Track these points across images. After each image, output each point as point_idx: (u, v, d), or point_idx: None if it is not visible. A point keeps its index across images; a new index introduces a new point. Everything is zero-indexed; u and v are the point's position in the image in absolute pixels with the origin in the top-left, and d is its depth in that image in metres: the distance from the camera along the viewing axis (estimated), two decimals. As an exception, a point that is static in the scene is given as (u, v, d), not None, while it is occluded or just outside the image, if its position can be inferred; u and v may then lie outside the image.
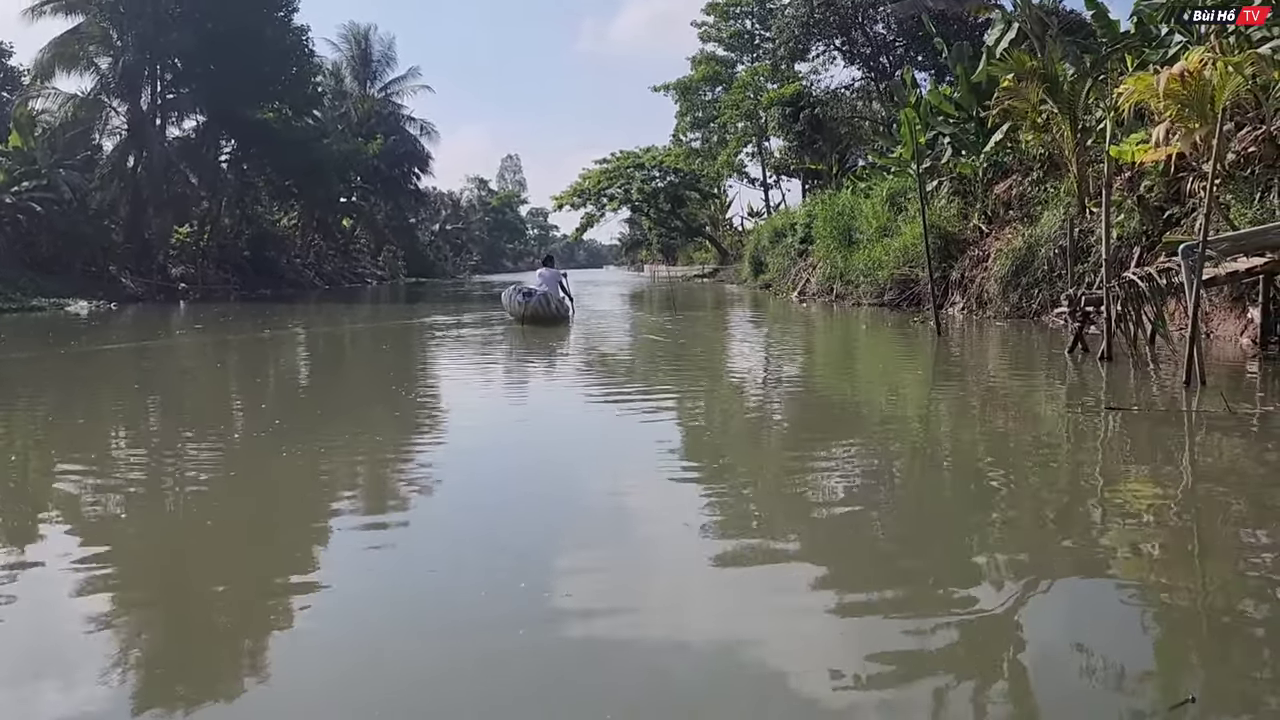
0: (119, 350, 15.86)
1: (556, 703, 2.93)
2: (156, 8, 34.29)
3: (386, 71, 63.67)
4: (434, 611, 3.71)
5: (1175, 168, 12.88)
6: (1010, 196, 18.76)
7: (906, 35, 34.71)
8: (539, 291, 17.89)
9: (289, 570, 4.30)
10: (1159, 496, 5.21)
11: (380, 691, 2.99)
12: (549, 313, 17.95)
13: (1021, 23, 16.92)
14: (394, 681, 3.06)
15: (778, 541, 4.60)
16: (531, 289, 18.06)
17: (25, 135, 31.55)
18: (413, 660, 3.25)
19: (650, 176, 60.53)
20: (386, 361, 14.33)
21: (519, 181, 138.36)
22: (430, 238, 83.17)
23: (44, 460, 6.80)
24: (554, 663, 3.21)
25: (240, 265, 41.32)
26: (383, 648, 3.33)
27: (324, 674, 3.19)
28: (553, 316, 18.08)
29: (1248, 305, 11.58)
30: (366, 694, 2.98)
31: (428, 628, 3.55)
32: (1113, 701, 2.90)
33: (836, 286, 25.13)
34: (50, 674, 3.21)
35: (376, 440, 7.32)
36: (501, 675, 3.11)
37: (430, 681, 3.11)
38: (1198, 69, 11.14)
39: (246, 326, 20.59)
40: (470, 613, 3.65)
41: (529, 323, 17.64)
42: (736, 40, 58.23)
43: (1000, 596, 3.74)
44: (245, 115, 38.40)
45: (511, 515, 5.06)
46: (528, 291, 17.93)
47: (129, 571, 4.30)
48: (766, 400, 9.61)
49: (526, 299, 17.72)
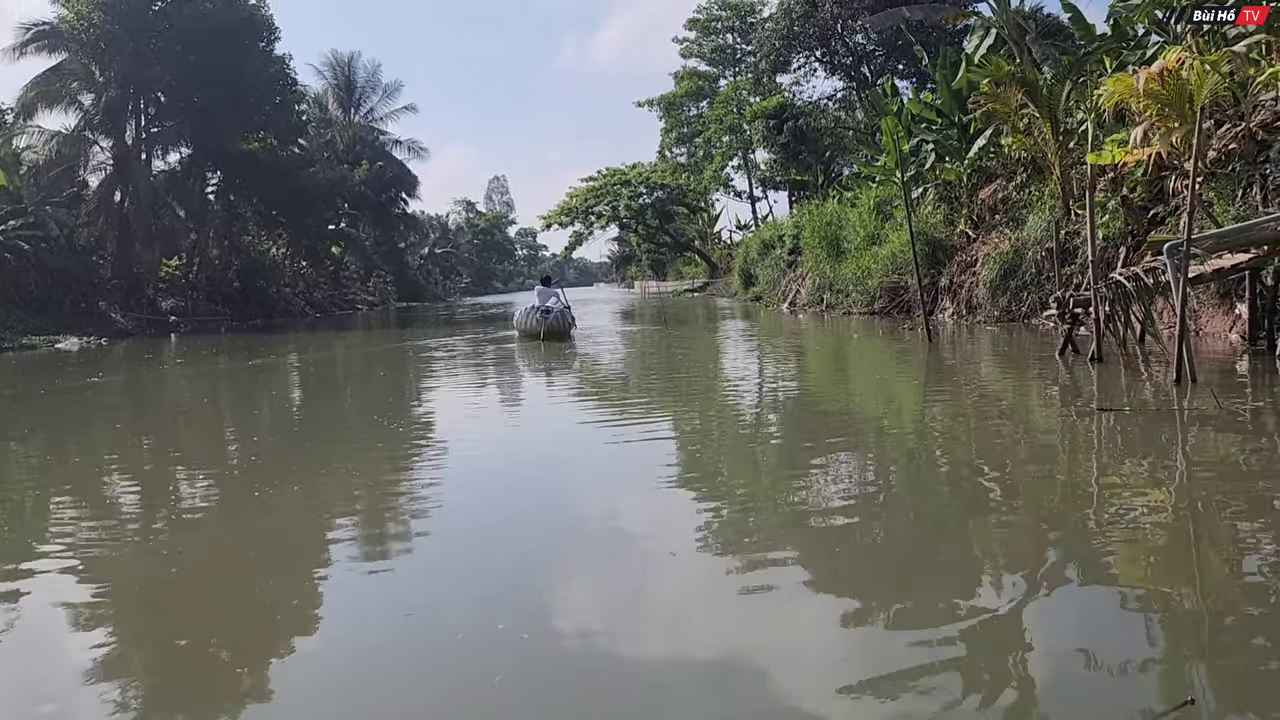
0: (110, 385, 15.80)
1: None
2: (137, 43, 34.33)
3: (371, 97, 63.90)
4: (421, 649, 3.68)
5: (1157, 167, 12.95)
6: (995, 201, 18.85)
7: (886, 44, 34.94)
8: (556, 309, 19.07)
9: (254, 620, 4.00)
10: (1153, 496, 5.22)
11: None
12: (564, 328, 19.11)
13: (1000, 28, 17.05)
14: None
15: (778, 554, 4.59)
16: (549, 307, 19.11)
17: (10, 174, 31.51)
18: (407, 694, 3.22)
19: (637, 193, 60.72)
20: (396, 385, 14.30)
21: (506, 202, 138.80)
22: (419, 262, 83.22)
23: (49, 492, 6.75)
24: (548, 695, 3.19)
25: (230, 296, 41.25)
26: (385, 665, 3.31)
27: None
28: (565, 331, 19.22)
29: (1235, 301, 11.62)
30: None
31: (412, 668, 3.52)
32: (1112, 703, 2.89)
33: (827, 296, 25.19)
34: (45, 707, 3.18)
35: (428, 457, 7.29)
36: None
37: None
38: (1176, 68, 11.22)
39: (240, 357, 20.53)
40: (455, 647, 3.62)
41: (548, 339, 18.43)
42: (718, 55, 58.62)
43: (999, 601, 3.73)
44: (230, 146, 38.43)
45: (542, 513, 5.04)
46: (546, 309, 18.97)
47: (112, 610, 4.26)
48: (762, 412, 9.60)
49: (545, 316, 18.76)
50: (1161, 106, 11.47)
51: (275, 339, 27.72)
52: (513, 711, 3.05)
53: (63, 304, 31.22)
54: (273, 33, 39.06)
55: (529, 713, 3.04)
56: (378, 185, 59.90)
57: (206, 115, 36.34)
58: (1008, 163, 18.65)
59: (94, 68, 34.94)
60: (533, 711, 3.04)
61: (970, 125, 18.32)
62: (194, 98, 36.28)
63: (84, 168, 36.54)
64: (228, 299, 40.89)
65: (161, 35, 35.08)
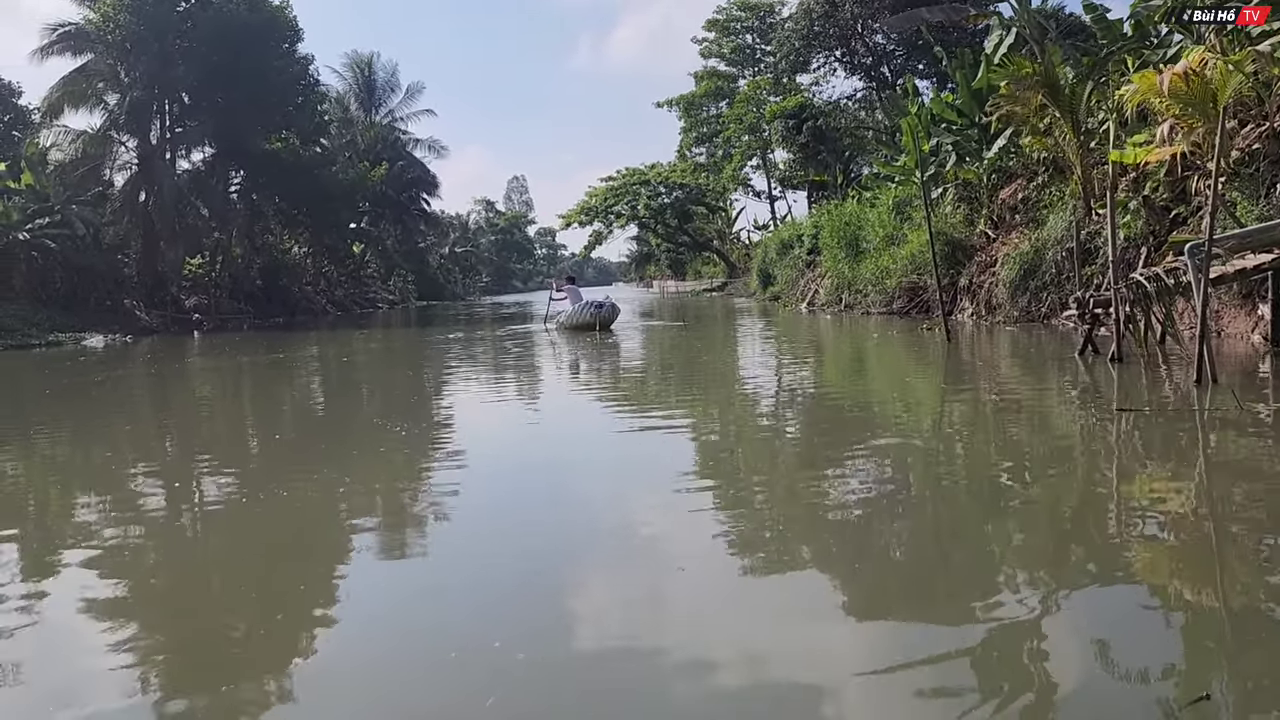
0: (136, 377, 16.01)
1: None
2: (162, 43, 34.69)
3: (391, 98, 64.23)
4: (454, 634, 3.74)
5: (1180, 167, 12.89)
6: (1015, 201, 18.79)
7: (906, 44, 34.83)
8: (607, 304, 22.43)
9: (262, 622, 3.88)
10: (1172, 496, 5.22)
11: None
12: (614, 318, 22.61)
13: (1020, 28, 16.97)
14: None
15: (794, 558, 4.63)
16: (600, 301, 22.64)
17: (37, 173, 31.95)
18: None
19: (656, 192, 60.79)
20: (421, 381, 14.42)
21: (526, 202, 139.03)
22: (439, 261, 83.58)
23: (86, 485, 6.88)
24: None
25: (253, 294, 41.60)
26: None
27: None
28: (612, 321, 22.50)
29: (1258, 302, 11.55)
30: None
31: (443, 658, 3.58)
32: (1129, 698, 2.92)
33: (845, 296, 25.16)
34: (60, 707, 3.27)
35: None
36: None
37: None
38: (1199, 67, 11.17)
39: (262, 353, 20.73)
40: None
41: (602, 329, 21.65)
42: (738, 55, 58.62)
43: (1019, 598, 3.77)
44: (253, 146, 38.77)
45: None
46: (599, 303, 22.35)
47: (128, 607, 4.36)
48: (782, 410, 9.63)
49: (599, 309, 22.00)
50: (1184, 106, 11.42)
51: (298, 336, 27.94)
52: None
53: (88, 301, 31.59)
54: (295, 34, 39.34)
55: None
56: (398, 185, 60.18)
57: (230, 115, 36.67)
58: (1028, 163, 18.58)
59: (119, 68, 35.32)
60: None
61: (990, 125, 18.26)
62: (217, 98, 36.62)
63: (109, 167, 36.95)
64: (250, 297, 41.24)
65: (186, 36, 35.42)
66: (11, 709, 3.19)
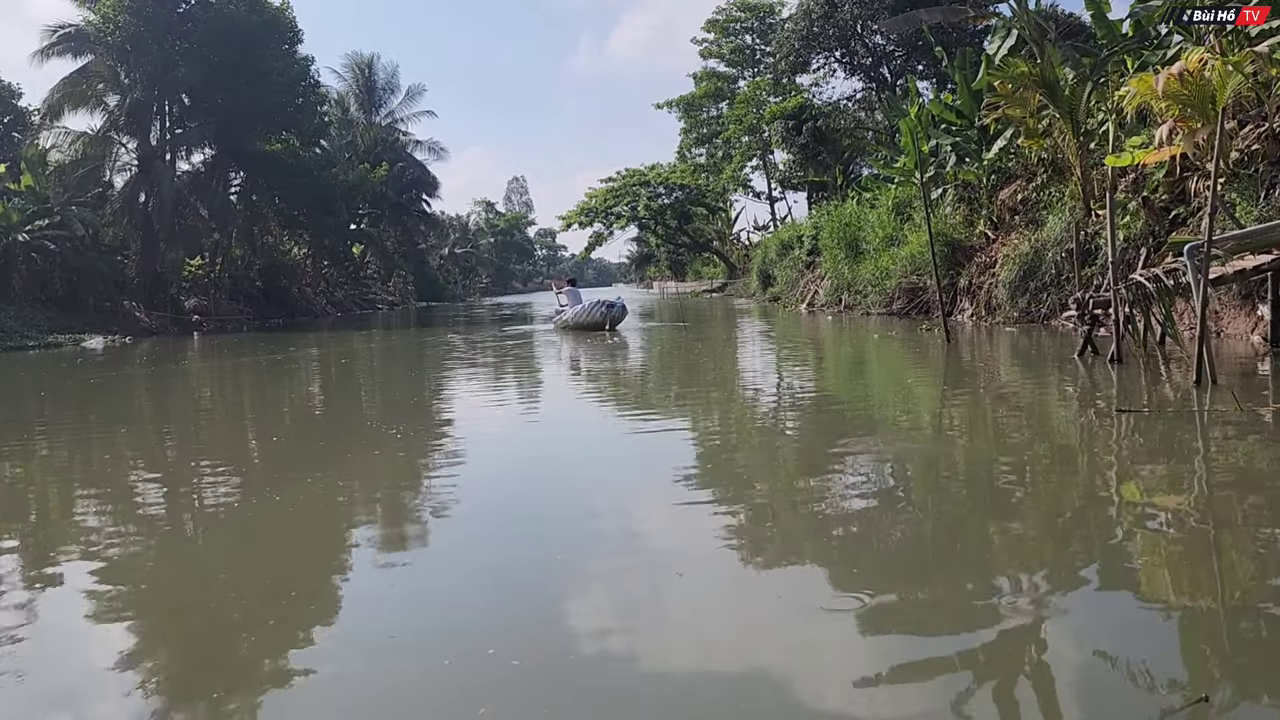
0: (136, 378, 16.01)
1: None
2: (162, 45, 34.69)
3: (391, 99, 64.20)
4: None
5: (1179, 168, 12.90)
6: (1015, 202, 18.79)
7: (906, 45, 34.80)
8: (618, 304, 22.83)
9: (207, 650, 3.70)
10: (1172, 496, 5.22)
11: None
12: (622, 318, 22.97)
13: (1020, 29, 16.98)
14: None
15: (799, 557, 4.63)
16: (611, 301, 23.03)
17: (37, 175, 31.96)
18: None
19: (656, 193, 60.81)
20: (422, 381, 14.41)
21: (525, 203, 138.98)
22: (439, 262, 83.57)
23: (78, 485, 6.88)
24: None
25: (252, 295, 41.62)
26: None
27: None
28: (620, 320, 22.84)
29: (1257, 302, 11.55)
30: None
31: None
32: (1128, 699, 2.92)
33: (845, 297, 25.16)
34: (58, 708, 3.26)
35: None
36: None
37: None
38: (1198, 68, 11.17)
39: (262, 352, 20.73)
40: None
41: (611, 328, 22.06)
42: (737, 56, 58.58)
43: (1019, 599, 3.77)
44: (253, 147, 38.78)
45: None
46: (610, 303, 22.79)
47: (127, 608, 4.35)
48: (782, 411, 9.63)
49: (610, 309, 22.39)
50: (1183, 107, 11.42)
51: (297, 337, 27.94)
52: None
53: (87, 303, 31.61)
54: (295, 35, 39.33)
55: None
56: (398, 186, 60.21)
57: (229, 116, 36.68)
58: (1027, 164, 18.58)
59: (119, 69, 35.31)
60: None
61: (990, 126, 18.26)
62: (217, 99, 36.61)
63: (109, 168, 36.92)
64: (250, 298, 41.26)
65: (186, 37, 35.40)
66: (11, 709, 3.19)
